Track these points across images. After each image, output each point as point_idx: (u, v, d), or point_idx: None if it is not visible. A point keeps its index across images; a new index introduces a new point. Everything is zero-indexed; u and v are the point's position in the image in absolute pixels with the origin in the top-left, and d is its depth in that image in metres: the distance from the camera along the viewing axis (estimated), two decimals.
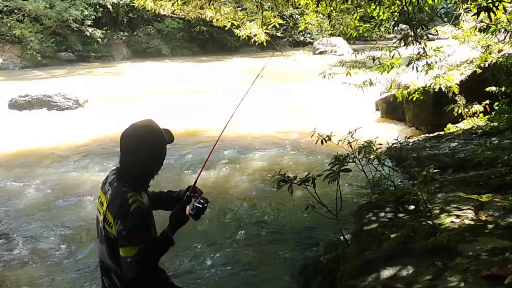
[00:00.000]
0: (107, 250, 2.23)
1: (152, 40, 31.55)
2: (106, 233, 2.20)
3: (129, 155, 2.23)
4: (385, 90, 10.05)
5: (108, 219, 2.17)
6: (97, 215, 2.33)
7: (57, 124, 11.02)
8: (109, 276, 2.28)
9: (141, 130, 2.26)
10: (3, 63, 25.16)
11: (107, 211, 2.19)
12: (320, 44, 27.94)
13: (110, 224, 2.16)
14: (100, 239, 2.28)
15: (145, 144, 2.22)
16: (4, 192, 6.57)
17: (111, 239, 2.18)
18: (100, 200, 2.30)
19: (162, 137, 2.28)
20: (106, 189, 2.27)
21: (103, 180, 2.36)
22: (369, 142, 4.36)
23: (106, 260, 2.26)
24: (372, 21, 6.76)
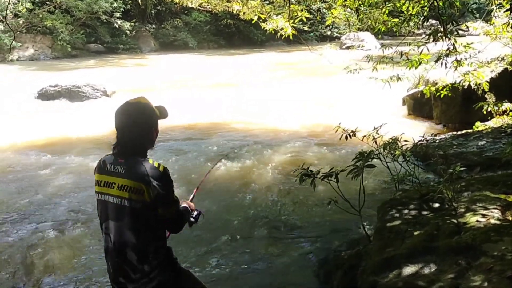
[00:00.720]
0: (130, 223, 2.30)
1: (179, 33, 31.79)
2: (132, 203, 2.28)
3: (127, 131, 2.37)
4: (412, 86, 9.92)
5: (137, 188, 2.26)
6: (101, 199, 2.39)
7: (86, 114, 11.24)
8: (123, 254, 2.33)
9: (136, 106, 2.42)
10: (35, 54, 25.76)
11: (131, 182, 2.28)
12: (347, 38, 27.67)
13: (141, 191, 2.26)
14: (117, 216, 2.33)
15: (141, 120, 2.39)
16: (34, 178, 6.76)
17: (138, 209, 2.28)
18: (104, 183, 2.36)
19: (153, 113, 2.45)
20: (112, 168, 2.35)
21: (97, 166, 2.43)
22: (394, 139, 4.31)
23: (123, 236, 2.32)
24: (401, 16, 6.67)
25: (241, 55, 25.52)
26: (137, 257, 2.32)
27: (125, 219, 2.31)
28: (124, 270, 2.36)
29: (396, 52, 5.72)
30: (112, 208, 2.34)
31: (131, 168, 2.30)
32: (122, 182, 2.30)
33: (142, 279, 2.34)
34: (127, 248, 2.32)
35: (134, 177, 2.28)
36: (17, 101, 12.45)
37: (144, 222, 2.31)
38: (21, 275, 4.27)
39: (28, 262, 4.47)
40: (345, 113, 9.42)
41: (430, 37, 5.03)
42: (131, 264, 2.33)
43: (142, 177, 2.26)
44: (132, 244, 2.31)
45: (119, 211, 2.32)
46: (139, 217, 2.30)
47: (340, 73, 7.63)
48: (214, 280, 4.06)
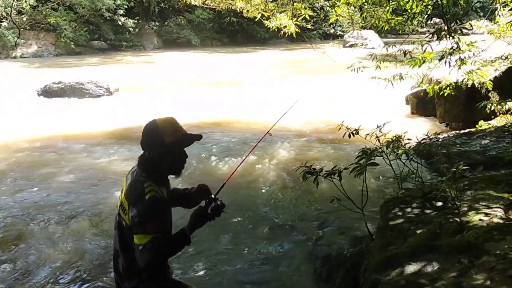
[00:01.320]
0: (118, 236, 2.36)
1: (183, 31, 31.80)
2: (119, 219, 2.33)
3: (146, 148, 2.33)
4: (415, 85, 9.90)
5: (124, 206, 2.28)
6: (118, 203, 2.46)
7: (89, 111, 11.27)
8: (116, 261, 2.42)
9: (147, 126, 2.32)
10: (38, 50, 25.83)
11: (124, 198, 2.30)
12: (351, 37, 27.64)
13: (125, 210, 2.27)
14: (114, 226, 2.42)
15: (146, 140, 2.31)
16: (38, 175, 6.79)
17: (123, 226, 2.30)
18: (122, 189, 2.43)
19: (158, 136, 2.27)
20: (127, 178, 2.40)
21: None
22: (397, 137, 4.32)
23: (116, 245, 2.40)
24: (404, 14, 6.66)
25: (244, 53, 25.52)
26: (123, 268, 2.38)
27: (116, 231, 2.39)
28: (118, 274, 2.45)
29: (400, 51, 5.72)
30: (115, 217, 2.44)
31: (130, 185, 2.32)
32: (122, 195, 2.37)
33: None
34: (118, 258, 2.40)
35: (127, 195, 2.29)
36: (20, 98, 12.48)
37: (128, 242, 2.26)
38: (24, 266, 4.31)
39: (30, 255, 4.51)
40: (348, 111, 9.41)
41: (434, 35, 5.03)
42: (119, 273, 2.42)
43: (129, 197, 2.26)
44: (120, 255, 2.38)
45: (115, 222, 2.41)
46: (123, 234, 2.32)
47: (343, 71, 7.62)
48: (214, 277, 4.07)
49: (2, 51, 24.60)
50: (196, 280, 3.85)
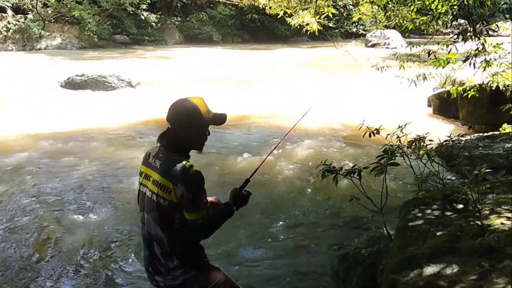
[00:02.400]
0: (158, 218, 2.34)
1: (204, 26, 31.87)
2: (159, 200, 2.31)
3: (171, 124, 2.38)
4: (439, 86, 9.78)
5: (167, 186, 2.28)
6: (141, 190, 2.47)
7: (111, 104, 11.41)
8: (151, 246, 2.40)
9: (183, 104, 2.40)
10: (62, 43, 26.19)
11: (162, 179, 2.30)
12: (373, 36, 27.37)
13: (169, 190, 2.28)
14: (150, 209, 2.38)
15: (182, 117, 2.37)
16: (60, 165, 6.93)
17: (165, 207, 2.30)
18: (144, 175, 2.45)
19: (198, 115, 2.38)
20: (152, 162, 2.41)
21: (143, 157, 2.51)
22: (419, 138, 4.27)
23: (153, 229, 2.37)
24: (429, 14, 6.57)
25: (265, 50, 25.48)
26: (162, 251, 2.37)
27: (154, 213, 2.35)
28: (152, 262, 2.44)
29: (424, 51, 5.65)
30: (147, 200, 2.40)
31: (165, 165, 2.33)
32: (156, 177, 2.34)
33: (167, 275, 2.39)
34: (154, 241, 2.39)
35: (164, 174, 2.30)
36: (44, 89, 12.68)
37: (169, 221, 2.32)
38: (42, 254, 4.41)
39: (51, 241, 4.64)
40: (369, 111, 9.33)
41: (459, 36, 4.96)
42: (157, 257, 2.39)
43: (171, 176, 2.28)
44: (158, 239, 2.36)
45: (150, 204, 2.37)
46: (165, 214, 2.32)
47: (365, 70, 7.59)
48: (231, 272, 4.09)
49: (27, 43, 25.03)
50: None
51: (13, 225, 5.01)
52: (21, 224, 5.02)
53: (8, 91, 12.08)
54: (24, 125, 9.09)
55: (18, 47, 24.63)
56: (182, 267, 2.37)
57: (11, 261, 4.28)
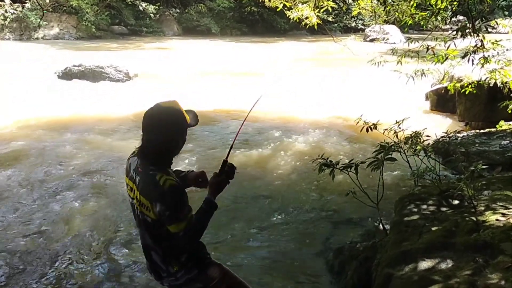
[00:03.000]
0: (147, 232, 2.34)
1: (203, 18, 31.75)
2: (143, 216, 2.28)
3: (152, 134, 2.25)
4: (436, 82, 9.77)
5: (145, 204, 2.24)
6: (130, 201, 2.41)
7: (108, 95, 11.37)
8: (149, 255, 2.41)
9: (165, 110, 2.27)
10: (60, 33, 26.06)
11: (140, 196, 2.26)
12: (372, 31, 27.33)
13: (148, 208, 2.24)
14: (138, 223, 2.38)
15: (167, 124, 2.25)
16: (57, 154, 6.95)
17: (150, 222, 2.27)
18: (129, 187, 2.38)
19: (183, 119, 2.29)
20: (133, 175, 2.33)
21: (125, 167, 2.42)
22: (416, 133, 4.28)
23: (146, 241, 2.38)
24: (429, 10, 6.56)
25: (263, 43, 25.42)
26: (160, 259, 2.37)
27: (143, 227, 2.35)
28: (154, 268, 2.45)
29: (422, 46, 5.65)
30: (135, 214, 2.39)
31: (143, 182, 2.26)
32: (136, 193, 2.30)
33: (169, 277, 2.41)
34: (151, 251, 2.39)
35: (142, 192, 2.26)
36: (41, 79, 12.61)
37: (158, 234, 2.30)
38: (43, 240, 4.45)
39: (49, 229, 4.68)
40: (367, 105, 9.32)
41: (458, 32, 4.96)
42: (157, 265, 2.40)
43: (148, 194, 2.23)
44: (154, 249, 2.37)
45: (138, 219, 2.36)
46: (151, 229, 2.30)
47: (363, 65, 7.57)
48: (228, 265, 4.11)
49: (24, 32, 24.89)
50: None
51: (10, 213, 5.02)
52: (18, 212, 5.05)
53: (4, 81, 12.02)
54: (21, 114, 9.05)
55: (15, 36, 24.49)
56: (183, 269, 2.39)
57: (12, 245, 4.30)
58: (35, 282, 3.82)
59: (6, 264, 4.07)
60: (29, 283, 3.80)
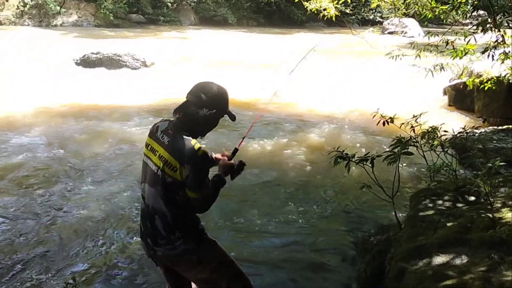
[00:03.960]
0: (161, 192, 2.37)
1: (220, 8, 31.69)
2: (164, 176, 2.34)
3: (198, 103, 2.36)
4: (455, 77, 9.66)
5: (173, 164, 2.31)
6: (145, 162, 2.48)
7: (125, 83, 11.47)
8: (152, 219, 2.43)
9: (219, 88, 2.44)
10: (78, 20, 26.25)
11: (169, 157, 2.33)
12: (390, 24, 27.00)
13: (175, 169, 2.31)
14: (153, 182, 2.41)
15: (218, 99, 2.40)
16: (74, 140, 7.08)
17: (170, 183, 2.33)
18: (150, 147, 2.46)
19: (228, 102, 2.47)
20: (160, 136, 2.41)
21: (150, 129, 2.51)
22: (433, 128, 4.25)
23: (155, 202, 2.41)
24: (449, 3, 6.47)
25: (280, 34, 25.29)
26: (164, 225, 2.41)
27: (158, 187, 2.38)
28: (151, 234, 2.47)
29: (442, 41, 5.58)
30: (150, 173, 2.43)
31: (174, 143, 2.34)
32: (163, 153, 2.36)
33: (166, 245, 2.44)
34: (156, 215, 2.42)
35: (172, 152, 2.32)
36: (59, 66, 12.77)
37: (173, 196, 2.36)
38: (60, 224, 4.56)
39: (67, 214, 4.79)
40: (383, 99, 9.26)
41: (479, 27, 4.89)
42: (158, 230, 2.43)
43: (179, 155, 2.30)
44: (161, 212, 2.40)
45: (154, 178, 2.39)
46: (169, 190, 2.36)
47: (380, 58, 7.50)
48: (239, 257, 4.14)
49: (43, 19, 25.12)
50: None
51: (27, 196, 5.12)
52: (35, 195, 5.16)
53: (23, 67, 12.18)
54: (40, 101, 9.18)
55: (35, 23, 24.74)
56: (183, 238, 2.44)
57: (28, 228, 4.40)
58: (50, 266, 3.89)
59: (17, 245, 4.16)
60: (42, 267, 3.88)
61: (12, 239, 4.26)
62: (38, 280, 3.68)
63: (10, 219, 4.63)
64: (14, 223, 4.55)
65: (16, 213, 4.77)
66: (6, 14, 24.53)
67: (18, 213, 4.76)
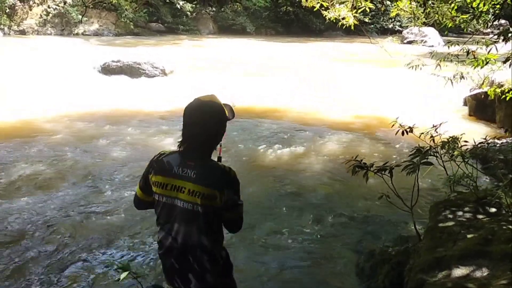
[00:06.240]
0: (202, 226, 2.26)
1: (238, 17, 31.92)
2: (206, 209, 2.23)
3: (197, 128, 2.26)
4: (476, 87, 9.54)
5: (210, 194, 2.20)
6: (167, 202, 2.29)
7: (144, 91, 11.62)
8: (193, 254, 2.28)
9: (205, 104, 2.31)
10: (99, 29, 26.69)
11: (205, 188, 2.21)
12: (410, 33, 26.87)
13: (214, 197, 2.20)
14: (188, 220, 2.26)
15: (210, 118, 2.28)
16: (95, 147, 7.17)
17: (211, 213, 2.24)
18: (171, 186, 2.26)
19: (223, 113, 2.34)
20: (180, 172, 2.25)
21: (158, 167, 2.31)
22: (454, 138, 4.19)
23: (194, 239, 2.26)
24: (470, 12, 6.40)
25: (299, 43, 25.34)
26: (208, 257, 2.29)
27: (197, 223, 2.25)
28: (194, 269, 2.30)
29: (463, 50, 5.52)
30: (182, 212, 2.27)
31: (202, 173, 2.23)
32: (193, 187, 2.22)
33: (212, 278, 2.31)
34: (198, 250, 2.28)
35: (206, 184, 2.21)
36: (80, 74, 12.98)
37: (213, 225, 2.29)
38: (80, 228, 4.61)
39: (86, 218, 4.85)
40: (402, 108, 9.22)
41: (500, 36, 4.82)
42: (202, 265, 2.29)
43: (215, 184, 2.21)
44: (203, 247, 2.28)
45: (191, 215, 2.25)
46: (209, 221, 2.27)
47: (400, 67, 7.47)
48: (255, 262, 4.13)
49: (65, 27, 25.61)
50: (236, 263, 3.92)
51: (49, 200, 5.21)
52: (56, 199, 5.24)
53: (45, 75, 12.41)
54: (62, 108, 9.35)
55: (57, 31, 25.24)
56: (224, 268, 2.38)
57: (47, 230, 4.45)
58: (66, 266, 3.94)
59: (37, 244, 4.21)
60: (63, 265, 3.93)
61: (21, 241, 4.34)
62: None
63: (28, 220, 4.70)
64: (29, 224, 4.62)
65: (33, 214, 4.85)
66: (29, 22, 25.08)
67: (35, 214, 4.84)
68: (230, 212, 2.30)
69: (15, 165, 6.20)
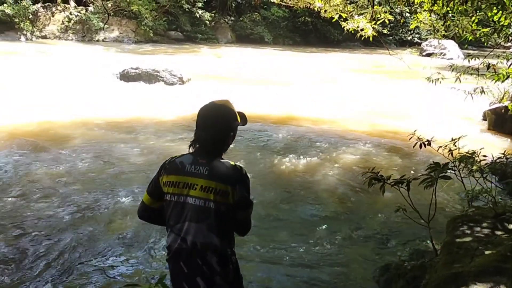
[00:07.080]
0: (214, 225, 2.26)
1: (256, 27, 32.15)
2: (218, 205, 2.25)
3: (211, 129, 2.33)
4: (495, 101, 9.44)
5: (223, 190, 2.25)
6: (178, 201, 2.30)
7: (162, 98, 11.73)
8: (203, 256, 2.26)
9: (219, 107, 2.41)
10: (119, 36, 27.12)
11: (218, 184, 2.25)
12: (429, 45, 26.72)
13: (226, 193, 2.25)
14: (200, 218, 2.26)
15: (223, 121, 2.37)
16: (112, 152, 7.22)
17: (224, 211, 2.26)
18: (183, 184, 2.28)
19: (235, 117, 2.43)
20: (192, 170, 2.29)
21: (171, 168, 2.35)
22: (472, 153, 4.14)
23: (205, 238, 2.25)
24: (491, 26, 6.35)
25: (316, 53, 25.39)
26: (218, 259, 2.27)
27: (209, 220, 2.25)
28: (204, 272, 2.26)
29: (483, 64, 5.47)
30: (193, 210, 2.27)
31: (214, 169, 2.28)
32: (206, 183, 2.26)
33: (221, 281, 2.29)
34: (208, 250, 2.26)
35: (219, 179, 2.26)
36: (100, 80, 13.18)
37: (226, 224, 2.29)
38: (96, 235, 4.61)
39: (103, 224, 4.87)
40: (421, 120, 9.15)
41: None
42: (211, 266, 2.26)
43: (228, 179, 2.26)
44: (213, 246, 2.26)
45: (202, 212, 2.26)
46: (222, 219, 2.26)
47: (418, 79, 7.43)
48: (266, 274, 4.11)
49: (86, 34, 26.11)
50: (247, 273, 3.92)
51: (64, 205, 5.26)
52: (70, 205, 5.27)
53: (66, 80, 12.63)
54: (81, 113, 9.48)
55: (78, 38, 25.73)
56: (234, 271, 2.36)
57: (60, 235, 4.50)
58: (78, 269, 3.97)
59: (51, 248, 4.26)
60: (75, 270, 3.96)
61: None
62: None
63: (44, 224, 4.75)
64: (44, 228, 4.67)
65: (50, 217, 4.91)
66: (51, 28, 25.62)
67: (54, 219, 4.89)
68: (242, 210, 2.31)
69: (30, 169, 6.28)
